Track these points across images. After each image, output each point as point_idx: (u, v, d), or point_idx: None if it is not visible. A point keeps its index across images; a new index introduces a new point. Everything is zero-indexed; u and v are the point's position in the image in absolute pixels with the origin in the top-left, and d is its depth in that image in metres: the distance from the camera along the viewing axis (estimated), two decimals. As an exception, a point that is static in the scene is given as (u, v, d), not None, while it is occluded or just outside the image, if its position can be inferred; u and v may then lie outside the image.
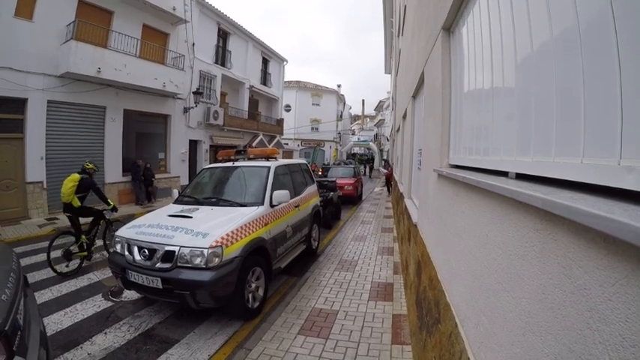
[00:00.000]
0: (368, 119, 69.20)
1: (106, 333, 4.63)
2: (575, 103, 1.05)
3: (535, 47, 1.36)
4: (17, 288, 2.50)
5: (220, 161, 7.71)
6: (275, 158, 7.70)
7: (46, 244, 8.12)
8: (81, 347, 4.28)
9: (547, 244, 1.05)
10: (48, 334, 3.72)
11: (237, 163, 7.10)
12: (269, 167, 6.55)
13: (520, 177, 1.48)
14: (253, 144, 23.85)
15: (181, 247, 4.50)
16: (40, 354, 2.50)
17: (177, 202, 6.44)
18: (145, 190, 15.04)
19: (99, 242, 7.75)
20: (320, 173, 20.84)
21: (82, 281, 6.37)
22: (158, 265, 4.54)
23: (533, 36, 1.37)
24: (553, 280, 1.00)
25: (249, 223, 5.14)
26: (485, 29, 2.00)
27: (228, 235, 4.67)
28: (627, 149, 0.83)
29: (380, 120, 58.14)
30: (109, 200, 7.60)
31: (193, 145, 19.52)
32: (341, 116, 52.48)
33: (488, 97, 1.97)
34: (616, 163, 0.85)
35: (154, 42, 15.59)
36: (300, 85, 46.29)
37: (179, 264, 4.47)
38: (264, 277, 5.34)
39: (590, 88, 0.98)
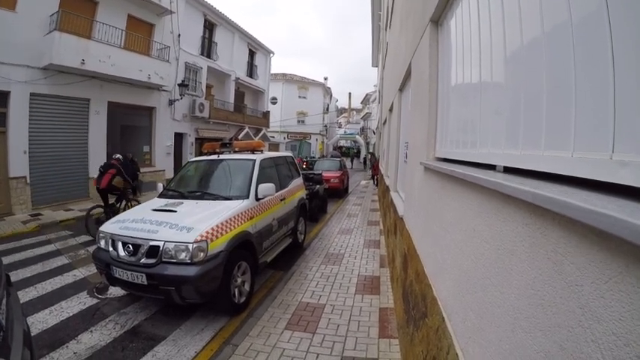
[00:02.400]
0: (354, 112, 69.18)
1: (91, 331, 4.55)
2: (566, 96, 1.03)
3: (525, 40, 1.34)
4: (-2, 287, 2.43)
5: (206, 154, 7.64)
6: (261, 151, 7.65)
7: (29, 241, 8.06)
8: (66, 346, 4.20)
9: (537, 239, 1.04)
10: (32, 334, 3.65)
11: (222, 156, 7.02)
12: (254, 160, 6.49)
13: (508, 170, 1.46)
14: (239, 137, 23.68)
15: (166, 241, 4.43)
16: (23, 354, 2.44)
17: (161, 195, 6.34)
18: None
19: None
20: (305, 166, 20.66)
21: (67, 278, 6.24)
22: (143, 260, 4.47)
23: (523, 29, 1.35)
24: (543, 276, 0.98)
25: (234, 216, 5.09)
26: (474, 22, 1.98)
27: (213, 229, 4.61)
28: (620, 143, 0.81)
29: (366, 113, 58.21)
30: None
31: (179, 138, 19.28)
32: (327, 109, 52.40)
33: (476, 89, 1.95)
34: (608, 157, 0.84)
35: (139, 33, 15.30)
36: (286, 78, 46.05)
37: (164, 259, 4.40)
38: (250, 271, 5.31)
39: (581, 81, 0.96)
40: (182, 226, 4.62)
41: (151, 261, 4.43)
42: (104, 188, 9.19)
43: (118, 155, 10.32)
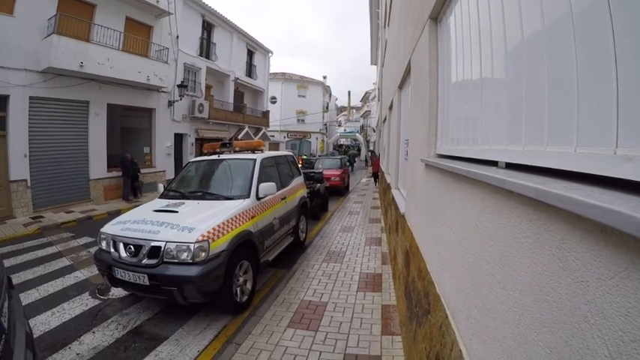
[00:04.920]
0: (354, 110, 69.13)
1: (94, 332, 4.55)
2: (568, 90, 1.02)
3: (526, 35, 1.33)
4: (0, 290, 2.43)
5: (206, 154, 7.63)
6: (261, 150, 7.65)
7: (31, 243, 8.06)
8: (69, 347, 4.21)
9: (541, 235, 1.03)
10: (35, 336, 3.65)
11: (222, 156, 7.02)
12: (255, 160, 6.49)
13: (510, 167, 1.46)
14: (239, 136, 23.66)
15: (167, 242, 4.43)
16: (26, 356, 2.44)
17: (162, 196, 6.34)
18: (130, 185, 14.80)
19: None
20: (300, 165, 20.41)
21: (68, 280, 6.25)
22: (144, 261, 4.47)
23: (523, 23, 1.34)
24: (548, 272, 0.98)
25: (235, 216, 5.09)
26: (473, 18, 1.97)
27: (214, 229, 4.62)
28: (624, 137, 0.80)
29: (366, 111, 58.24)
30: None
31: (179, 138, 19.25)
32: (327, 108, 52.43)
33: (476, 86, 1.94)
34: (612, 152, 0.83)
35: (137, 35, 15.26)
36: (285, 77, 46.08)
37: (165, 260, 4.40)
38: (252, 270, 5.31)
39: (583, 74, 0.96)
40: (183, 226, 4.62)
41: (153, 261, 4.43)
42: None
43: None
